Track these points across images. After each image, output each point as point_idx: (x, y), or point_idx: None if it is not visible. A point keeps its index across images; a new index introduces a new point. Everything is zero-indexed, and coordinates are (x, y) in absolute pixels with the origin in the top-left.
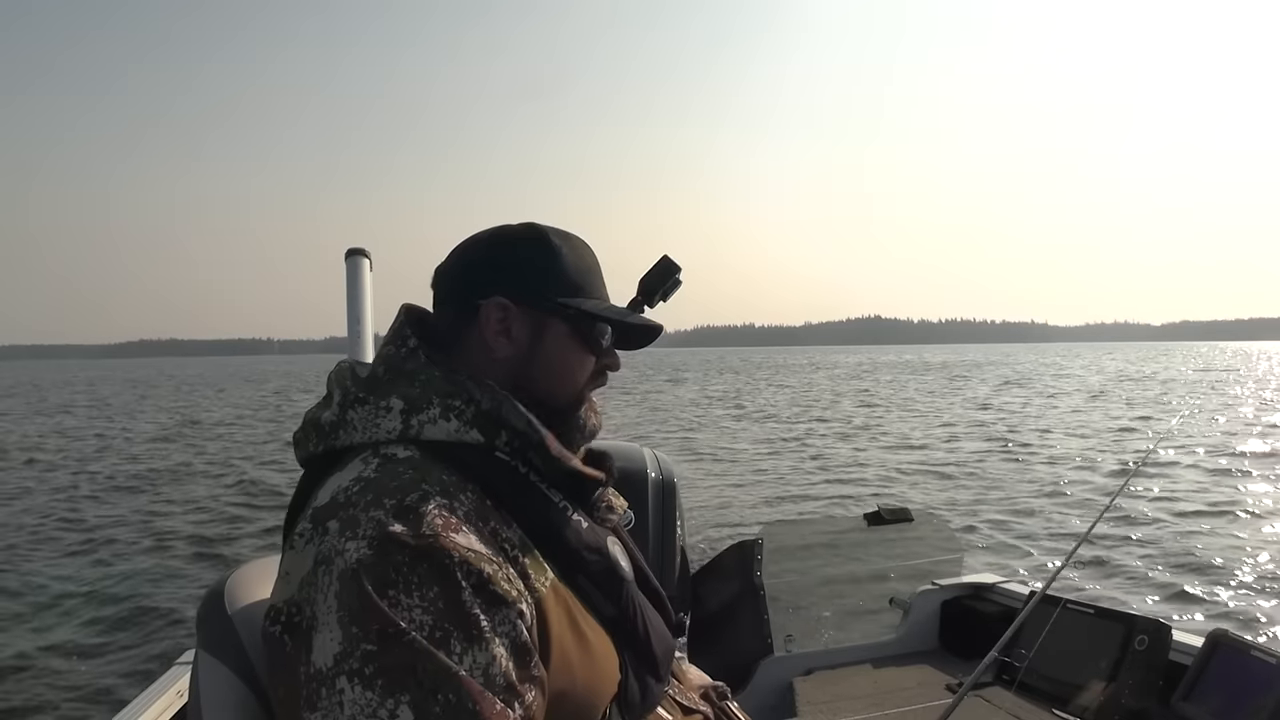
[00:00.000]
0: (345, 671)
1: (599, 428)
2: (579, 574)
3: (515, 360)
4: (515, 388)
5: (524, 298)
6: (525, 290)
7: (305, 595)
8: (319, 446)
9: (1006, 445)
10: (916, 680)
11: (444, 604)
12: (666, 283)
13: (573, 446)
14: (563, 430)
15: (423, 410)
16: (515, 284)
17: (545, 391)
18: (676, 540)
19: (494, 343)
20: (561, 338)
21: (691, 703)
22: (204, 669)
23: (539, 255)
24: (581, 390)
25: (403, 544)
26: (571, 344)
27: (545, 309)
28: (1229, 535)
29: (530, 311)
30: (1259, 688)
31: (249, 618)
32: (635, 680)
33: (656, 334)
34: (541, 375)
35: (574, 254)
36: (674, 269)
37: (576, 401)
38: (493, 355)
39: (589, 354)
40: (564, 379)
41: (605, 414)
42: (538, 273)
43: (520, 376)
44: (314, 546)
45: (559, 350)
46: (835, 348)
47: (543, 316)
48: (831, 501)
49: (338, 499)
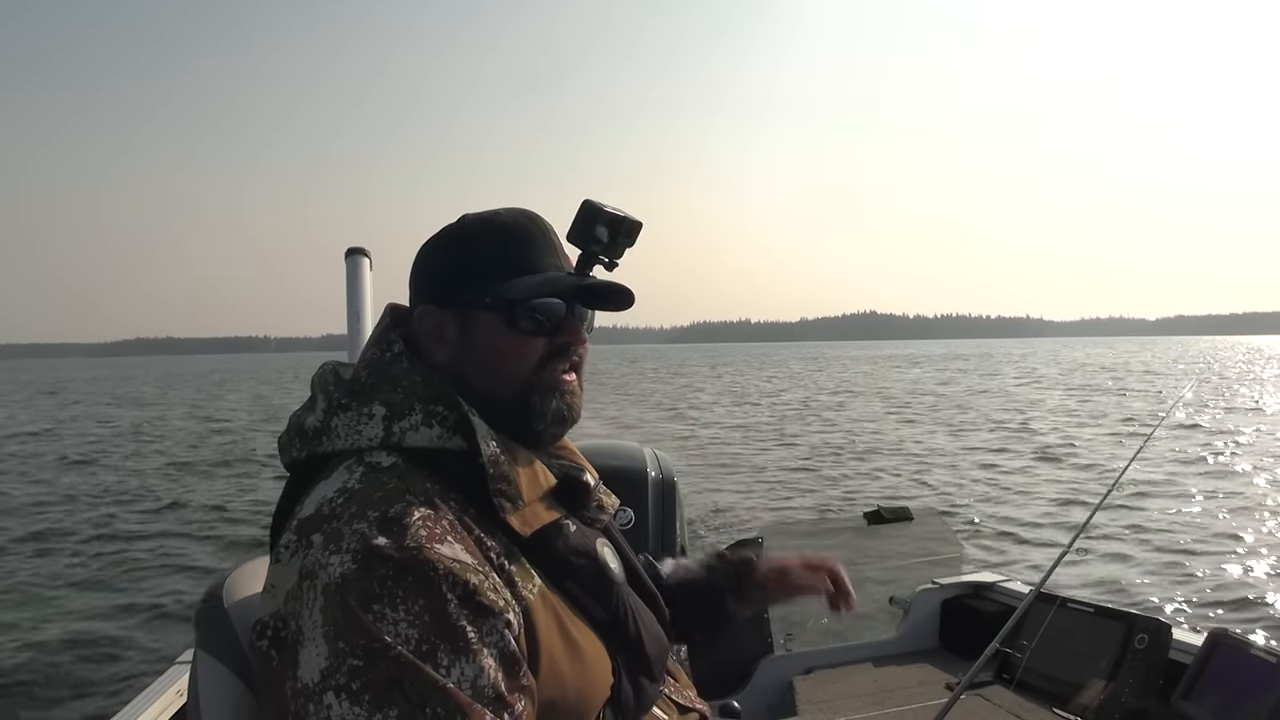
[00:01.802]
0: (332, 687)
1: (575, 410)
2: (567, 579)
3: (452, 362)
4: (460, 389)
5: (445, 299)
6: (444, 290)
7: (291, 609)
8: (303, 452)
9: (1006, 445)
10: (917, 679)
11: (430, 617)
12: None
13: (538, 438)
14: (520, 422)
15: (404, 417)
16: (435, 287)
17: (485, 387)
18: (676, 540)
19: (431, 349)
20: (489, 327)
21: (688, 700)
22: (202, 668)
23: (454, 252)
24: (530, 377)
25: (387, 557)
26: (503, 332)
27: (464, 303)
28: (1229, 534)
29: (454, 310)
30: (1259, 687)
31: (247, 617)
32: (629, 683)
33: (618, 290)
34: (477, 371)
35: (495, 236)
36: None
37: (525, 390)
38: (431, 360)
39: (529, 336)
40: (503, 367)
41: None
42: (455, 270)
43: (460, 377)
44: (298, 560)
45: (489, 340)
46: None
47: (466, 312)
48: (831, 501)
49: (322, 510)
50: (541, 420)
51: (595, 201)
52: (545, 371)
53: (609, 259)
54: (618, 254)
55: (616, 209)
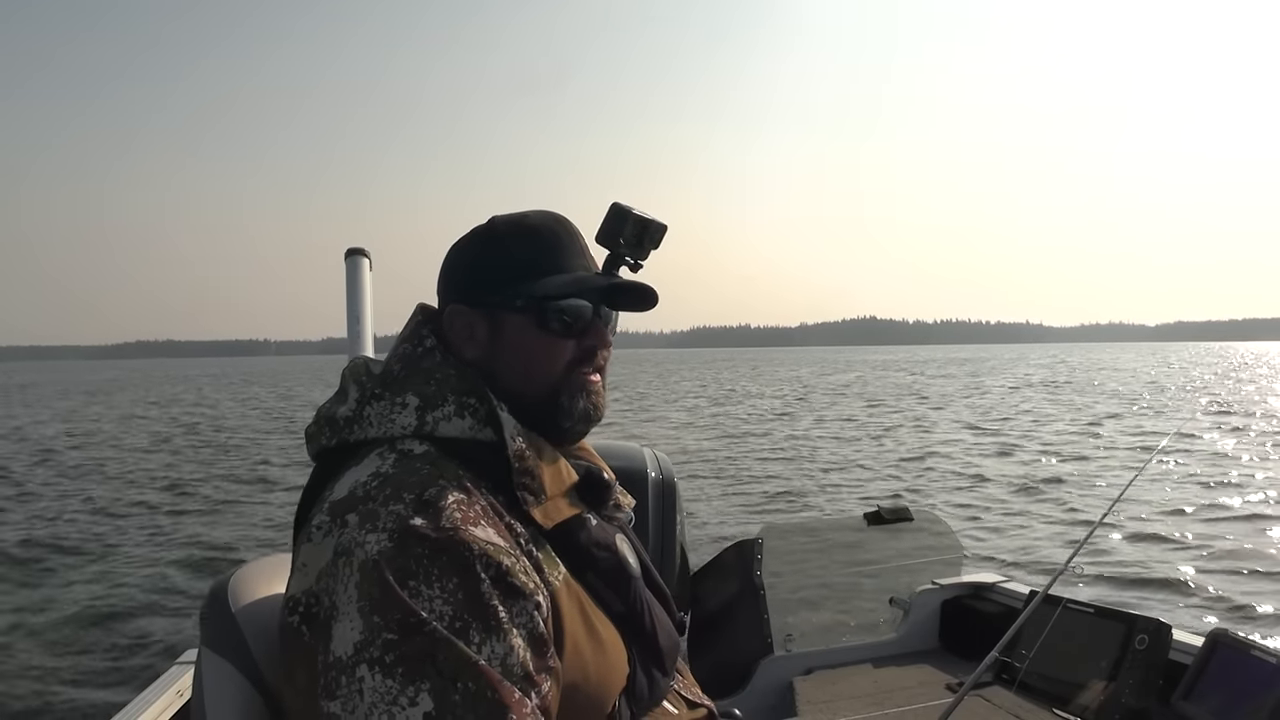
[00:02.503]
0: (366, 660)
1: (599, 409)
2: (589, 570)
3: (483, 360)
4: (490, 386)
5: (475, 299)
6: (475, 291)
7: (324, 586)
8: (333, 440)
9: (1006, 443)
10: (917, 680)
11: (464, 595)
12: (622, 230)
13: (564, 435)
14: (549, 419)
15: (438, 407)
16: (466, 288)
17: (515, 386)
18: (676, 540)
19: (461, 348)
20: (520, 327)
21: (695, 697)
22: (207, 666)
23: (485, 253)
24: (559, 378)
25: (423, 536)
26: (533, 332)
27: (495, 304)
28: (1229, 534)
29: (485, 310)
30: (1259, 687)
31: (252, 615)
32: (643, 674)
33: (644, 290)
34: (507, 371)
35: (525, 238)
36: (622, 212)
37: (554, 390)
38: (462, 359)
39: (558, 338)
40: (533, 367)
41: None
42: (485, 271)
43: (490, 376)
44: (333, 539)
45: (520, 340)
46: (831, 348)
47: (496, 313)
48: (832, 501)
49: (356, 493)
50: (569, 418)
51: (623, 204)
52: (573, 373)
53: (634, 260)
54: (643, 255)
55: (643, 212)
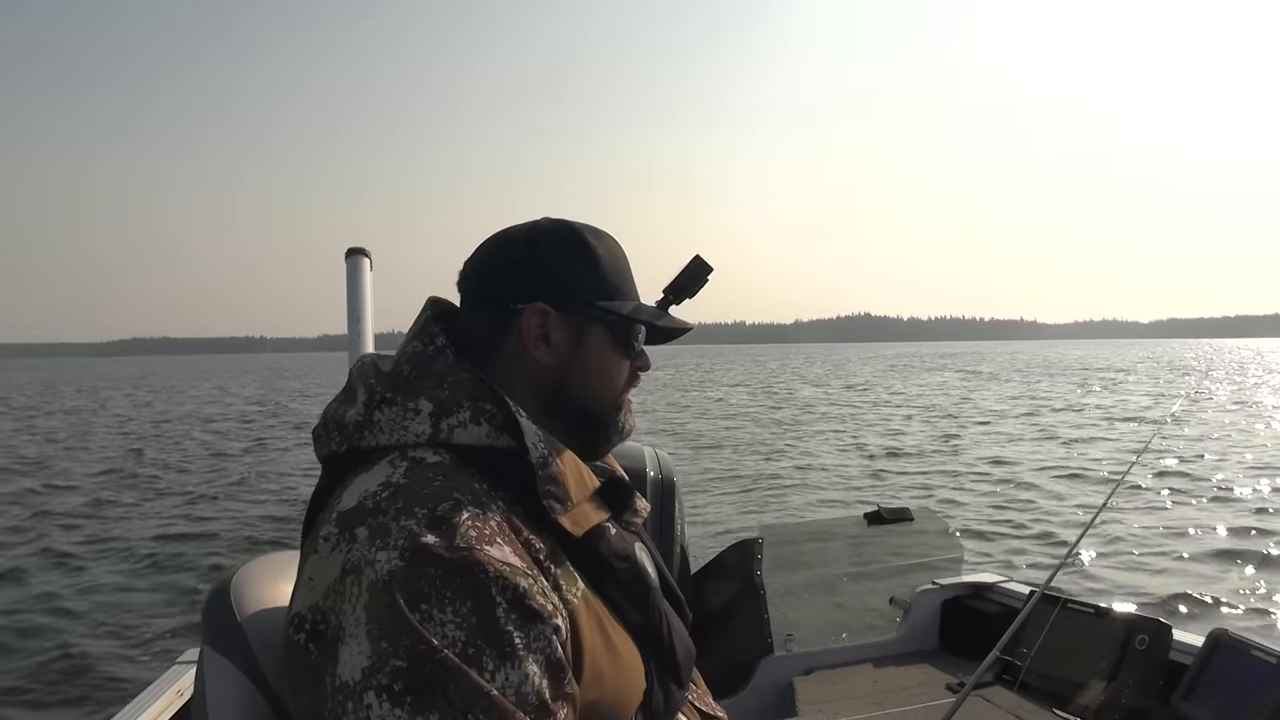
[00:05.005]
0: (374, 687)
1: (634, 427)
2: (607, 582)
3: (555, 368)
4: (556, 395)
5: (564, 303)
6: (565, 295)
7: (331, 604)
8: (342, 445)
9: (1005, 443)
10: (917, 680)
11: (477, 620)
12: (698, 283)
13: (608, 449)
14: (603, 435)
15: (452, 414)
16: (554, 288)
17: (587, 398)
18: (677, 540)
19: (534, 350)
20: (601, 343)
21: (710, 708)
22: (209, 665)
23: (578, 258)
24: (620, 394)
25: (436, 556)
26: (610, 349)
27: (586, 315)
28: (1229, 534)
29: (570, 317)
30: (1259, 687)
31: (255, 614)
32: (660, 688)
33: (685, 333)
34: (582, 381)
35: (610, 255)
36: (706, 269)
37: (616, 405)
38: (533, 362)
39: (625, 358)
40: (604, 384)
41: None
42: (577, 276)
43: (561, 383)
44: (340, 553)
45: (599, 356)
46: (826, 345)
47: (583, 322)
48: (831, 501)
49: (365, 504)
50: (620, 434)
51: (708, 262)
52: (626, 392)
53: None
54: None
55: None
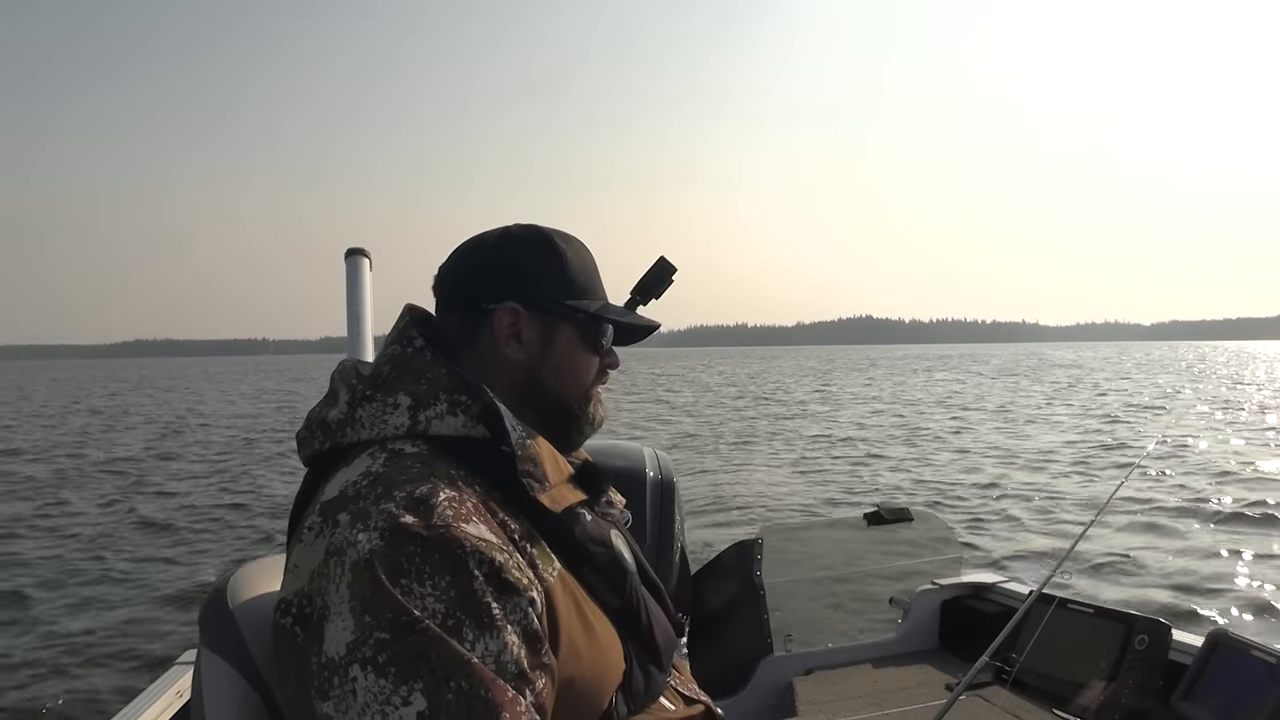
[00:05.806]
0: (358, 659)
1: (604, 419)
2: (584, 565)
3: (527, 364)
4: (528, 389)
5: (534, 303)
6: (535, 295)
7: (316, 587)
8: (325, 444)
9: (1005, 443)
10: (916, 680)
11: (456, 592)
12: (664, 283)
13: (581, 440)
14: (574, 426)
15: (430, 406)
16: (525, 289)
17: (557, 393)
18: (676, 540)
19: (506, 348)
20: (570, 341)
21: (693, 693)
22: (207, 667)
23: (547, 260)
24: (589, 389)
25: (414, 534)
26: (579, 346)
27: (555, 314)
28: (1229, 534)
29: (540, 316)
30: (1259, 687)
31: (251, 616)
32: (639, 670)
33: (653, 331)
34: (553, 378)
35: (578, 257)
36: (670, 269)
37: (585, 399)
38: (506, 359)
39: (594, 355)
40: (573, 380)
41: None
42: (546, 277)
43: (532, 379)
44: (324, 539)
45: (568, 352)
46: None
47: (553, 321)
48: (831, 501)
49: (347, 493)
50: (590, 425)
51: (671, 262)
52: (594, 387)
53: (645, 303)
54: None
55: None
